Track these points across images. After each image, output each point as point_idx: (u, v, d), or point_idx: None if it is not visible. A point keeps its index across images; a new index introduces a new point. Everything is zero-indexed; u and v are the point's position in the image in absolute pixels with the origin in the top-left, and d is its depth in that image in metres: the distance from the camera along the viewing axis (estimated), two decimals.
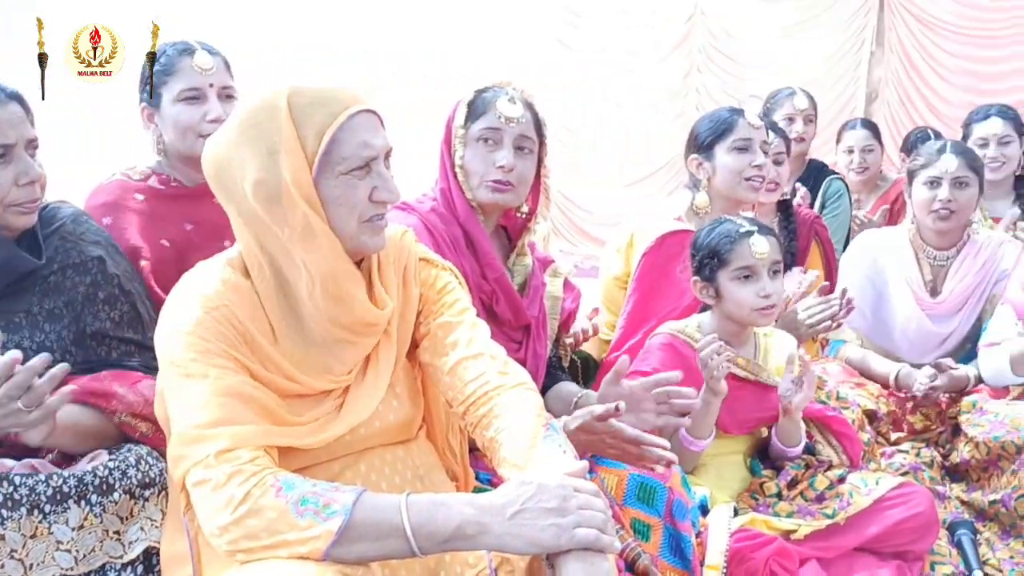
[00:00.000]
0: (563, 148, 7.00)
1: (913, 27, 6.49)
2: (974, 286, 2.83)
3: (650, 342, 2.23)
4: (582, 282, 2.71)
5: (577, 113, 7.01)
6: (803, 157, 3.90)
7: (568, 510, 1.20)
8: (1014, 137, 3.55)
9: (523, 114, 1.98)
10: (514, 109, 1.97)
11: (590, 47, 6.97)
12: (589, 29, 6.93)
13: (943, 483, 2.45)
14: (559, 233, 7.16)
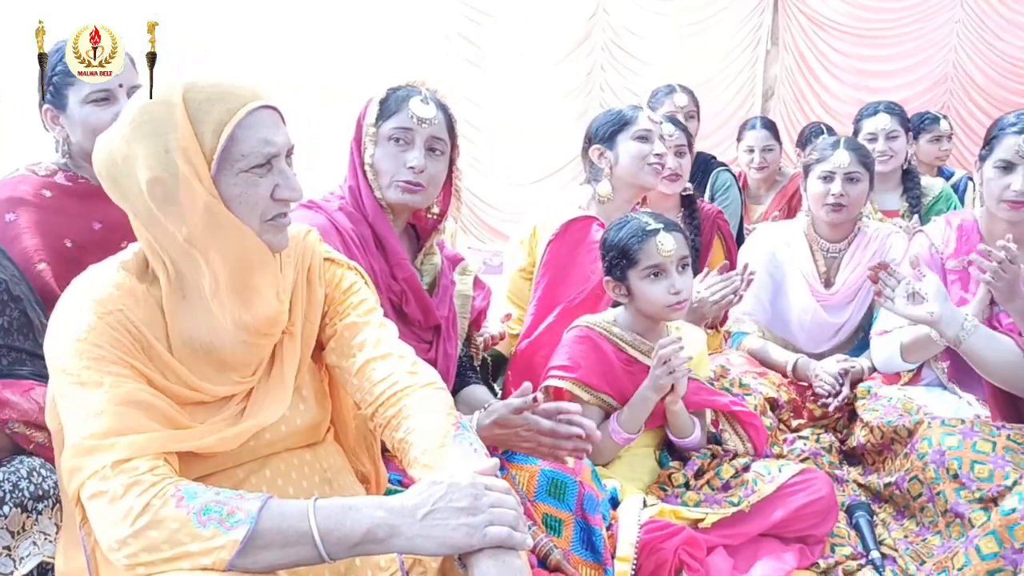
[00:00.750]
0: (468, 144, 6.99)
1: (806, 27, 6.70)
2: (865, 276, 2.94)
3: (567, 335, 2.24)
4: (492, 279, 2.71)
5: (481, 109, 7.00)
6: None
7: (479, 509, 1.19)
8: (900, 132, 3.70)
9: (436, 115, 1.96)
10: (427, 110, 1.94)
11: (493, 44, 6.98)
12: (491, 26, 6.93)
13: (841, 467, 2.53)
14: (467, 230, 7.15)
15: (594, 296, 2.42)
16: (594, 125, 2.74)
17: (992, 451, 2.08)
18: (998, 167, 2.45)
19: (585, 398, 2.14)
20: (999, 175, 2.45)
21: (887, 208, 3.69)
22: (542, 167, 7.12)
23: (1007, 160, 2.43)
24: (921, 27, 6.62)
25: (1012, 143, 2.43)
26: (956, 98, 6.63)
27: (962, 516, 2.04)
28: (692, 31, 6.78)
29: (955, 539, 2.03)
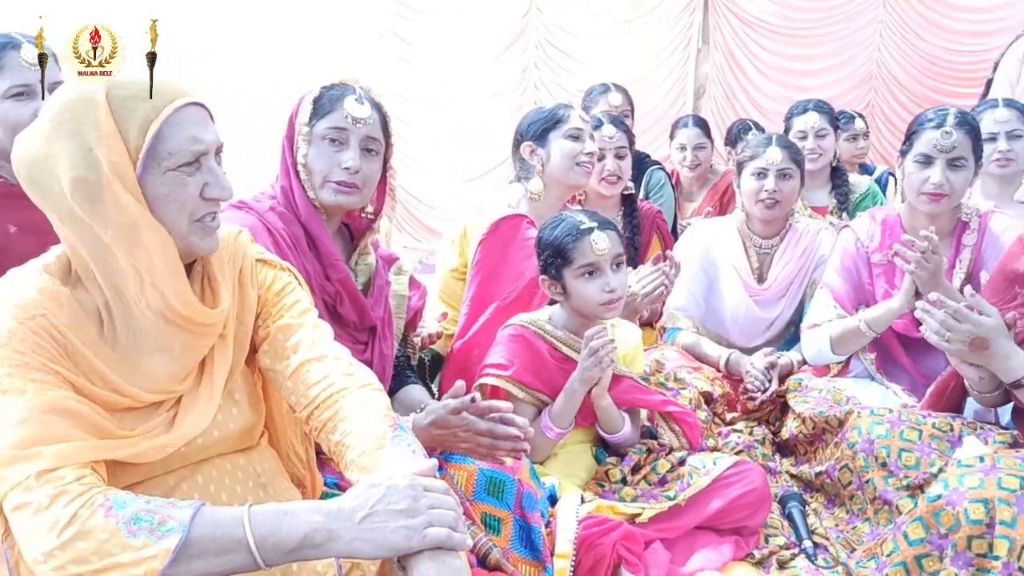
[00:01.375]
0: (401, 142, 6.94)
1: (735, 26, 6.81)
2: (796, 272, 3.00)
3: (501, 334, 2.24)
4: (428, 278, 2.70)
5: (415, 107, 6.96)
6: None
7: (418, 510, 1.19)
8: (829, 130, 3.79)
9: (371, 114, 1.94)
10: (362, 109, 1.92)
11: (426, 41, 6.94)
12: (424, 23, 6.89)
13: (774, 459, 2.58)
14: (402, 229, 7.10)
15: (527, 294, 2.42)
16: (525, 122, 2.74)
17: (919, 439, 2.14)
18: (918, 161, 2.53)
19: (520, 396, 2.14)
20: (919, 169, 2.53)
21: (816, 205, 3.78)
22: (477, 165, 7.11)
23: (926, 154, 2.52)
24: (846, 27, 6.78)
25: (930, 138, 2.51)
26: (880, 96, 6.82)
27: (890, 503, 2.09)
28: (625, 30, 6.84)
29: (884, 526, 2.08)
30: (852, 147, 4.53)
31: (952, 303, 1.99)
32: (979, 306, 1.99)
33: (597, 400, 2.15)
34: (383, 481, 1.21)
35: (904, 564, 1.87)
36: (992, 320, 1.97)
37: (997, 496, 1.78)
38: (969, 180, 2.58)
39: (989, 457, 1.91)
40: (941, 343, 2.02)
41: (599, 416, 2.20)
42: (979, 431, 2.14)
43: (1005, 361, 1.97)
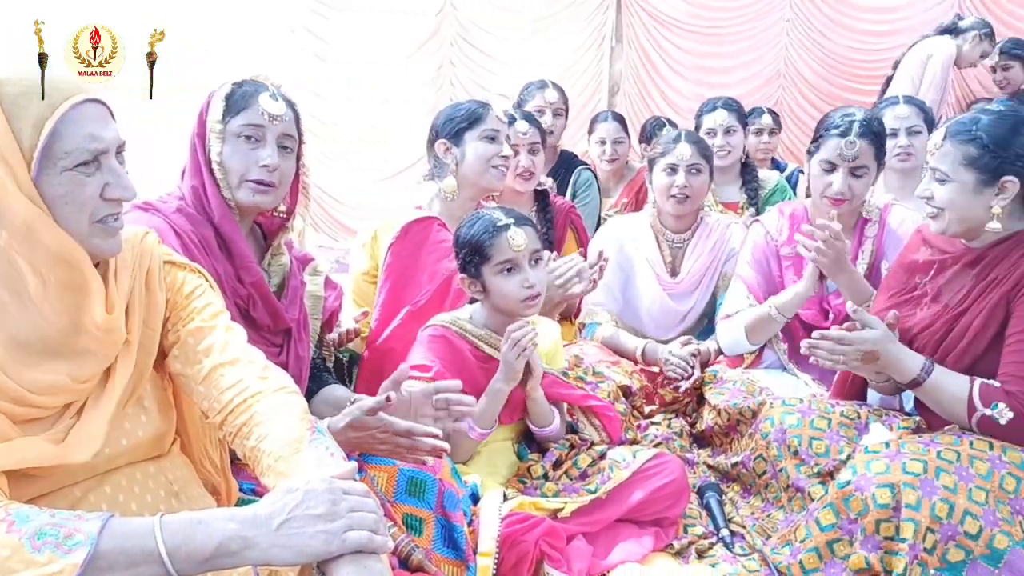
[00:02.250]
0: (317, 140, 6.84)
1: (648, 24, 6.90)
2: (707, 265, 3.07)
3: (422, 334, 2.23)
4: (344, 278, 2.66)
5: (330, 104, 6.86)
6: (554, 149, 4.04)
7: (338, 514, 1.17)
8: (738, 127, 3.88)
9: (286, 111, 1.90)
10: (277, 106, 1.88)
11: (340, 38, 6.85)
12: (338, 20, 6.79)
13: (691, 450, 2.63)
14: (317, 228, 7.00)
15: (439, 297, 2.40)
16: (441, 118, 2.69)
17: (828, 427, 2.20)
18: (822, 168, 2.62)
19: None
20: (823, 174, 2.62)
21: (727, 200, 3.86)
22: (394, 163, 7.05)
23: (830, 161, 2.60)
24: (754, 26, 6.93)
25: (835, 145, 2.59)
26: (788, 94, 6.99)
27: (802, 490, 2.15)
28: (539, 27, 6.87)
29: (797, 513, 2.14)
30: (756, 141, 4.64)
31: (834, 333, 2.07)
32: (863, 320, 2.06)
33: (532, 393, 2.15)
34: (301, 486, 1.19)
35: (816, 549, 1.93)
36: (876, 332, 2.05)
37: (902, 480, 1.85)
38: (871, 184, 2.66)
39: (894, 443, 1.98)
40: (837, 366, 2.12)
41: (531, 410, 2.20)
42: (884, 418, 2.21)
43: (898, 365, 2.06)
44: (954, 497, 1.83)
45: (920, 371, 2.04)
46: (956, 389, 2.00)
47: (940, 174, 2.05)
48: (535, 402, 2.17)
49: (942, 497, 1.82)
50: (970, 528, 1.82)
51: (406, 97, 6.94)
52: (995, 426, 1.94)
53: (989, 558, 1.82)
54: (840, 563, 1.90)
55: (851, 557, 1.88)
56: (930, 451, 1.91)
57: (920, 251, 2.25)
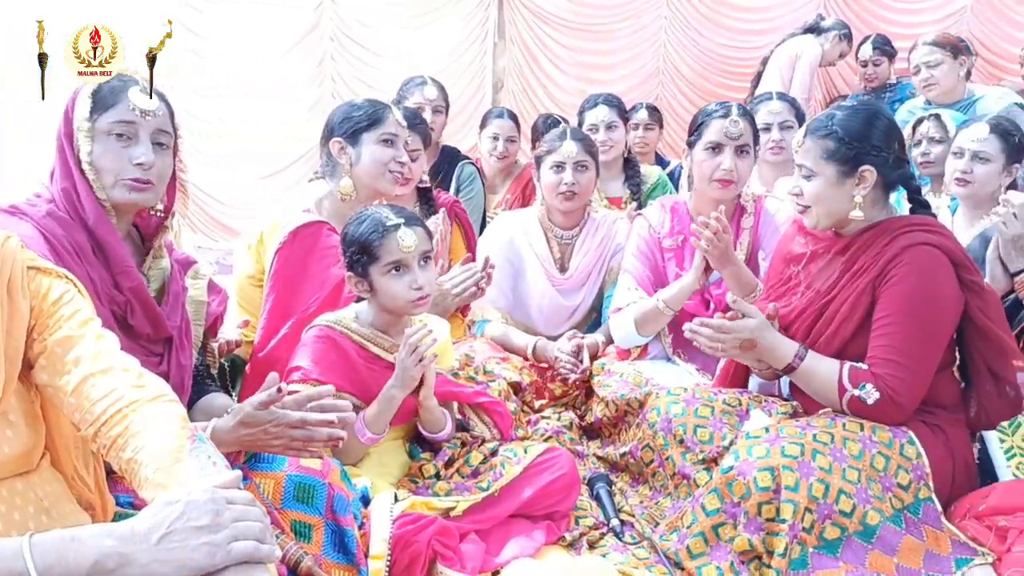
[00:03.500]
0: (194, 138, 6.60)
1: (530, 21, 6.93)
2: (596, 260, 3.11)
3: (306, 335, 2.17)
4: (226, 279, 2.58)
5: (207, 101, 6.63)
6: (436, 145, 4.02)
7: (222, 525, 1.13)
8: (619, 123, 3.95)
9: (159, 106, 1.82)
10: (149, 101, 1.79)
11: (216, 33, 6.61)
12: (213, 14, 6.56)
13: (581, 443, 2.66)
14: (196, 228, 6.76)
15: (329, 305, 2.31)
16: (338, 116, 2.59)
17: (711, 415, 2.27)
18: (708, 149, 2.71)
19: None
20: (709, 156, 2.72)
21: (611, 195, 3.93)
22: (275, 160, 6.86)
23: (716, 142, 2.70)
24: (634, 23, 7.06)
25: (719, 126, 2.70)
26: (667, 90, 7.15)
27: (688, 477, 2.20)
28: (421, 22, 6.81)
29: (683, 499, 2.19)
30: (632, 135, 4.73)
31: (714, 321, 2.15)
32: (742, 309, 2.15)
33: (425, 401, 2.13)
34: (181, 497, 1.14)
35: (703, 534, 1.98)
36: (753, 321, 2.13)
37: (782, 463, 1.92)
38: (751, 167, 2.78)
39: (773, 428, 2.06)
40: (716, 352, 2.20)
41: (423, 416, 2.18)
42: (764, 404, 2.29)
43: (774, 352, 2.15)
44: (829, 477, 1.91)
45: (794, 357, 2.13)
46: (827, 372, 2.10)
47: (805, 170, 2.17)
48: (428, 410, 2.15)
49: (818, 478, 1.90)
50: (844, 506, 1.90)
51: (286, 93, 6.76)
52: (863, 406, 2.04)
53: (862, 534, 1.92)
54: (725, 546, 1.96)
55: (735, 540, 1.94)
56: (806, 434, 1.99)
57: (795, 241, 2.35)
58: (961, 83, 4.14)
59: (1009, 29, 6.95)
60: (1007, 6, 6.99)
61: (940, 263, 2.05)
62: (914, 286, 2.04)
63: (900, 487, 1.98)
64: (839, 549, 1.91)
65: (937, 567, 1.92)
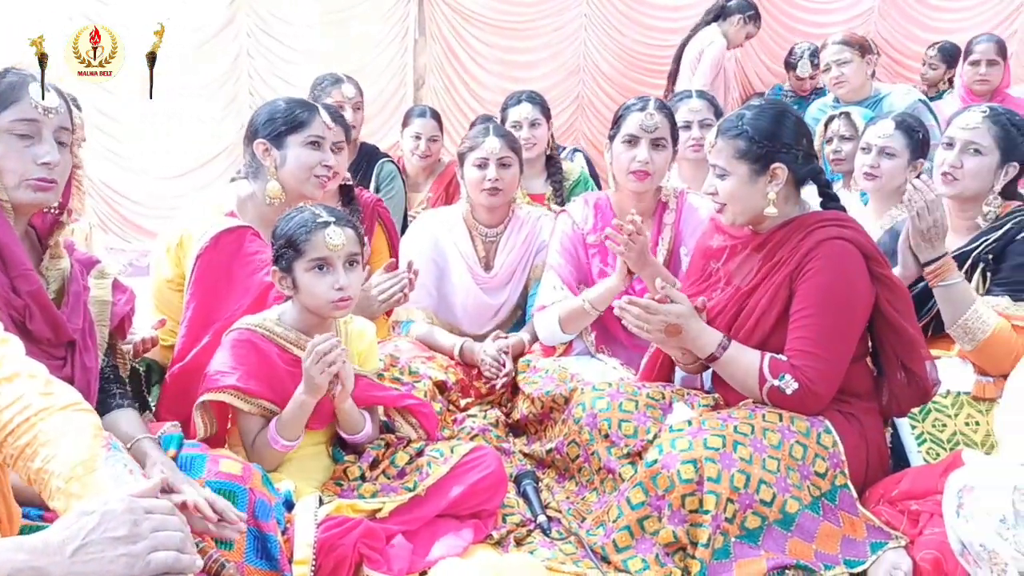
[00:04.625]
0: (105, 137, 6.39)
1: (451, 18, 6.91)
2: (520, 258, 3.12)
3: (226, 338, 2.12)
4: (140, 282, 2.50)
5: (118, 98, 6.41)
6: (354, 143, 3.98)
7: (140, 535, 1.10)
8: (542, 120, 3.96)
9: (59, 102, 1.75)
10: (51, 97, 1.72)
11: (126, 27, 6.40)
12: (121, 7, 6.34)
13: (508, 440, 2.66)
14: (108, 229, 6.55)
15: (253, 312, 2.26)
16: (262, 117, 2.50)
17: (635, 409, 2.29)
18: (625, 141, 2.76)
19: (245, 408, 2.04)
20: (626, 149, 2.76)
21: (533, 192, 3.93)
22: (191, 158, 6.68)
23: (632, 134, 2.75)
24: (555, 21, 7.10)
25: (636, 119, 2.75)
26: (588, 88, 7.21)
27: (614, 472, 2.23)
28: (340, 18, 6.71)
29: (609, 494, 2.21)
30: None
31: (643, 301, 2.19)
32: (671, 295, 2.20)
33: (340, 404, 2.10)
34: (97, 507, 1.11)
35: (628, 528, 2.01)
36: (681, 307, 2.18)
37: (704, 455, 1.95)
38: (669, 162, 2.82)
39: (696, 420, 2.10)
40: (642, 333, 2.23)
41: (340, 419, 2.15)
42: (687, 397, 2.33)
43: (698, 339, 2.20)
44: (750, 468, 1.95)
45: (718, 346, 2.17)
46: (749, 363, 2.15)
47: (719, 169, 2.22)
48: (344, 412, 2.12)
49: (740, 468, 1.95)
50: (765, 496, 1.95)
51: (200, 90, 6.59)
52: (782, 396, 2.09)
53: (782, 522, 1.97)
54: (650, 539, 1.99)
55: (660, 532, 1.97)
56: (728, 426, 2.03)
57: (714, 238, 2.40)
58: (868, 81, 4.28)
59: (914, 29, 7.21)
60: (911, 6, 7.26)
61: (852, 257, 2.12)
62: (828, 279, 2.10)
63: (817, 475, 2.04)
64: (760, 538, 1.95)
65: (853, 552, 1.98)
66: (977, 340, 2.35)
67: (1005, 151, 2.54)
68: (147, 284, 2.58)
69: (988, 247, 2.50)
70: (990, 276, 2.50)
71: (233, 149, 6.34)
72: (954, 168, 2.56)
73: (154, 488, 1.20)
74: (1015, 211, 2.54)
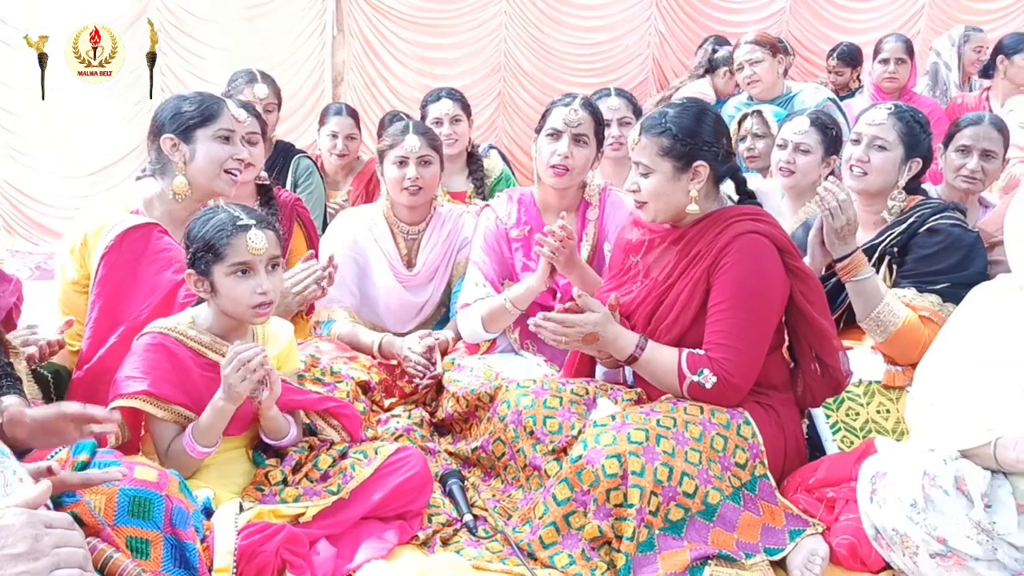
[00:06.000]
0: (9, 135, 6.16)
1: (369, 14, 6.83)
2: (443, 255, 3.11)
3: (137, 343, 2.05)
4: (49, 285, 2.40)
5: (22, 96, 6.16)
6: (270, 141, 3.91)
7: (41, 552, 1.05)
8: (463, 116, 3.95)
9: None
10: None
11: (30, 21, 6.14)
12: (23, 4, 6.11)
13: (432, 439, 2.63)
14: (12, 230, 6.30)
15: (160, 312, 2.17)
16: (168, 111, 2.43)
17: (560, 406, 2.30)
18: (548, 135, 2.79)
19: (159, 415, 1.98)
20: (549, 142, 2.79)
21: (455, 190, 3.93)
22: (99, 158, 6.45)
23: (555, 128, 2.77)
24: (475, 18, 7.08)
25: (560, 114, 2.78)
26: (509, 85, 7.22)
27: (539, 468, 2.22)
28: (255, 14, 6.57)
29: (535, 491, 2.21)
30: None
31: (557, 316, 2.20)
32: (586, 304, 2.21)
33: (266, 412, 2.05)
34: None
35: (554, 524, 2.01)
36: (596, 315, 2.20)
37: (628, 450, 1.97)
38: (591, 160, 2.84)
39: (619, 415, 2.11)
40: (560, 345, 2.26)
41: (265, 425, 2.10)
42: (610, 392, 2.34)
43: (615, 343, 2.22)
44: (673, 461, 1.98)
45: (635, 348, 2.19)
46: (667, 361, 2.17)
47: (643, 167, 2.25)
48: (269, 419, 2.07)
49: (663, 462, 1.97)
50: (687, 488, 1.97)
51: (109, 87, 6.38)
52: (702, 391, 2.13)
53: (704, 513, 2.00)
54: (576, 534, 1.99)
55: (586, 527, 1.98)
56: (650, 420, 2.05)
57: (633, 232, 2.43)
58: (780, 80, 4.38)
59: (824, 29, 7.42)
60: (821, 7, 7.47)
61: (767, 250, 2.16)
62: (744, 273, 2.14)
63: (738, 466, 2.08)
64: (683, 529, 1.98)
65: (773, 540, 2.03)
66: (888, 332, 2.43)
67: (909, 147, 2.63)
68: (53, 288, 2.48)
69: (894, 240, 2.59)
70: (896, 269, 2.59)
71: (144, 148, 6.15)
72: (861, 162, 2.65)
73: (44, 493, 1.14)
74: (918, 205, 2.63)
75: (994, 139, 2.99)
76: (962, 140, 3.01)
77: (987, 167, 2.99)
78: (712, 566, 1.93)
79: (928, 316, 2.45)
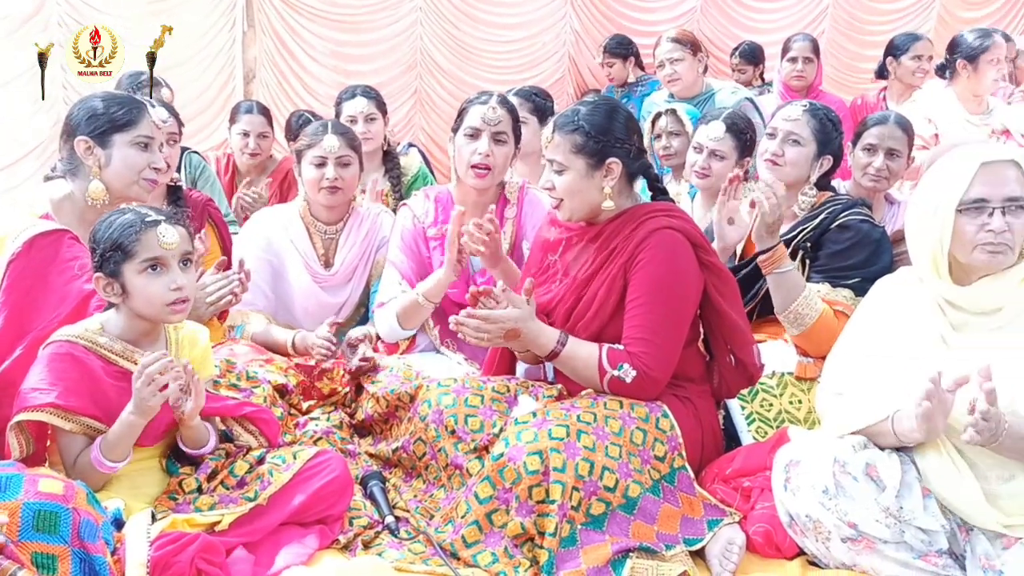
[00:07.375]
0: None
1: (281, 10, 6.71)
2: (361, 255, 3.07)
3: (43, 352, 1.97)
4: None
5: None
6: None
7: None
8: (378, 115, 3.93)
9: None
10: None
11: None
12: None
13: (352, 441, 2.59)
14: None
15: (71, 321, 2.09)
16: (83, 112, 2.33)
17: (481, 404, 2.29)
18: (467, 135, 2.77)
19: (66, 427, 1.91)
20: (468, 142, 2.78)
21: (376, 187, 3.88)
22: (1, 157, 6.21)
23: (474, 127, 2.77)
24: (390, 15, 7.01)
25: (478, 112, 2.78)
26: (426, 82, 7.17)
27: (461, 467, 2.22)
28: (160, 8, 6.35)
29: (457, 490, 2.20)
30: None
31: (480, 312, 2.18)
32: (509, 299, 2.20)
33: (188, 422, 1.99)
34: None
35: (477, 522, 2.00)
36: (517, 311, 2.19)
37: (549, 446, 1.98)
38: (510, 157, 2.85)
39: (540, 412, 2.12)
40: (481, 343, 2.24)
41: (186, 435, 2.04)
42: (531, 389, 2.35)
43: (537, 339, 2.22)
44: (593, 456, 2.00)
45: (556, 343, 2.21)
46: (587, 356, 2.19)
47: (557, 165, 2.26)
48: (191, 428, 2.02)
49: (584, 457, 1.98)
50: (608, 482, 2.00)
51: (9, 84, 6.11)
52: (623, 385, 2.15)
53: (625, 507, 2.02)
54: (499, 532, 1.99)
55: (508, 525, 1.98)
56: (571, 416, 2.06)
57: (551, 231, 2.44)
58: (700, 78, 4.46)
59: (733, 28, 7.58)
60: (730, 7, 7.63)
61: (681, 245, 2.20)
62: (659, 268, 2.17)
63: (657, 459, 2.11)
64: (605, 523, 2.00)
65: (692, 530, 2.06)
66: (805, 325, 2.50)
67: (821, 143, 2.73)
68: None
69: (806, 235, 2.67)
70: (809, 263, 2.66)
71: (47, 146, 5.93)
72: (776, 156, 2.73)
73: None
74: (828, 201, 2.72)
75: (899, 138, 3.10)
76: (868, 139, 3.11)
77: (892, 166, 3.09)
78: (633, 559, 1.95)
79: (842, 310, 2.52)
